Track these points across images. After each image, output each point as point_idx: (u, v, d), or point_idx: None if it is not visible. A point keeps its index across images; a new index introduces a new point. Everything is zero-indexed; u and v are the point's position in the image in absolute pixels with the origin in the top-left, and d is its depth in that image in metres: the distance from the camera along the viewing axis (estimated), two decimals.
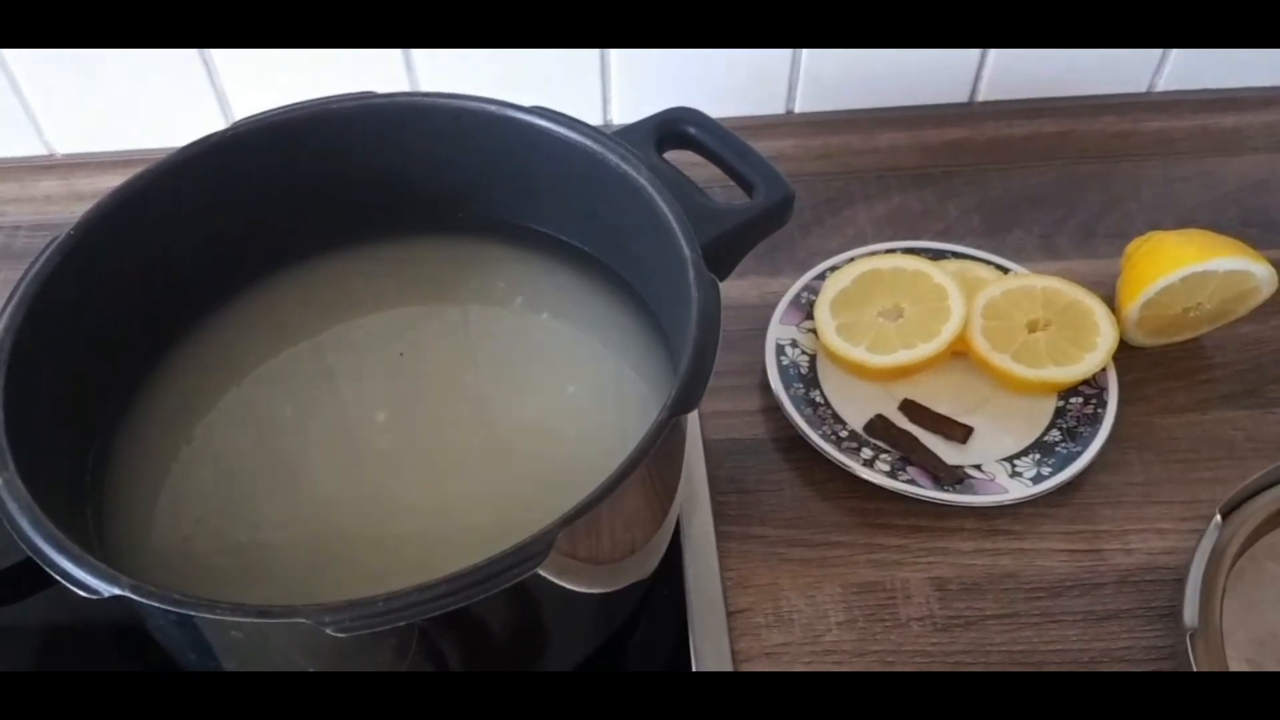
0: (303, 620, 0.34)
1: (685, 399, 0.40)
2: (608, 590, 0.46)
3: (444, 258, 0.56)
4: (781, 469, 0.57)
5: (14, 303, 0.43)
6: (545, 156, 0.52)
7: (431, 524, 0.47)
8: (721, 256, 0.50)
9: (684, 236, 0.46)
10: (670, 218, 0.47)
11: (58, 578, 0.36)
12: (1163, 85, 0.75)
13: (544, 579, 0.40)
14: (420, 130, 0.53)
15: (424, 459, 0.49)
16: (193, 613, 0.35)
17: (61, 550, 0.36)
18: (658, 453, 0.40)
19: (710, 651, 0.50)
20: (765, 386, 0.59)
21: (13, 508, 0.38)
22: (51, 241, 0.46)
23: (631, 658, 0.51)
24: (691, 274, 0.44)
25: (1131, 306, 0.59)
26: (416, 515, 0.47)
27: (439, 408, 0.50)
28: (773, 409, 0.59)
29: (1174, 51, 0.73)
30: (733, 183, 0.53)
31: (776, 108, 0.73)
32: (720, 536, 0.54)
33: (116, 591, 0.35)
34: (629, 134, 0.52)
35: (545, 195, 0.54)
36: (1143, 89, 0.75)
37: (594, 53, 0.69)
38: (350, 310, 0.54)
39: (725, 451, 0.58)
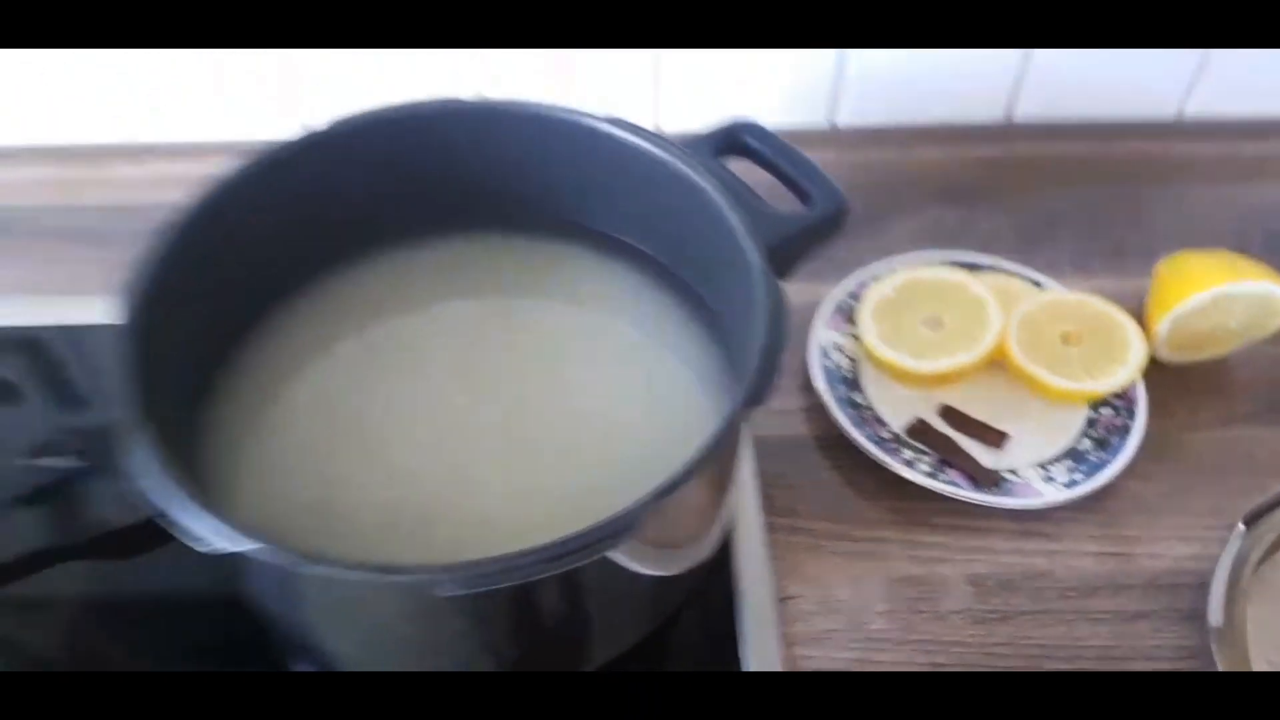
0: (422, 578, 0.37)
1: (756, 394, 0.43)
2: (668, 573, 0.49)
3: (520, 256, 0.58)
4: (824, 467, 0.60)
5: (138, 274, 0.46)
6: (613, 162, 0.55)
7: (496, 503, 0.49)
8: (779, 263, 0.53)
9: (749, 241, 0.48)
10: (735, 222, 0.49)
11: (182, 536, 0.38)
12: (1190, 112, 0.78)
13: (613, 562, 0.43)
14: (497, 134, 0.56)
15: (496, 442, 0.51)
16: (316, 569, 0.37)
17: (188, 509, 0.39)
18: (725, 444, 0.43)
19: (760, 635, 0.53)
20: (808, 387, 0.62)
21: (143, 467, 0.40)
22: (165, 224, 0.48)
23: (684, 640, 0.54)
24: (757, 276, 0.47)
25: (1161, 322, 0.62)
26: (484, 495, 0.49)
27: (513, 395, 0.53)
28: (815, 408, 0.62)
29: (1201, 79, 0.75)
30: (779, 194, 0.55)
31: (819, 121, 0.76)
32: (769, 528, 0.57)
33: (232, 548, 0.38)
34: (691, 143, 0.55)
35: (612, 199, 0.57)
36: (1171, 115, 0.78)
37: (647, 64, 0.72)
38: (431, 298, 0.57)
39: (772, 447, 0.60)
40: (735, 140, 0.56)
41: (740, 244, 0.49)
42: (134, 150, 0.77)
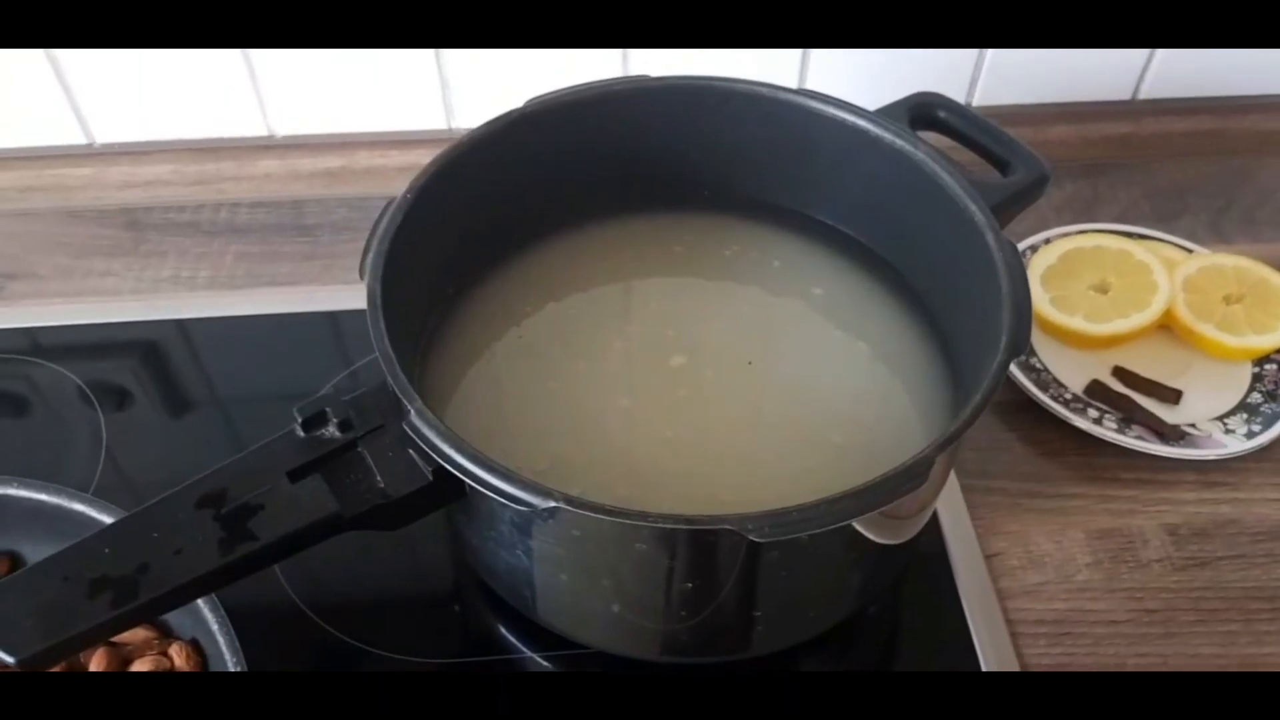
0: (729, 528, 0.38)
1: (1018, 343, 0.45)
2: (896, 541, 0.50)
3: (714, 234, 0.60)
4: (1006, 430, 0.62)
5: (378, 235, 0.48)
6: (811, 136, 0.56)
7: (709, 461, 0.51)
8: None
9: (974, 204, 0.50)
10: (958, 188, 0.51)
11: (494, 495, 0.40)
12: None
13: (861, 533, 0.45)
14: (688, 111, 0.57)
15: (709, 402, 0.53)
16: (626, 520, 0.39)
17: (493, 470, 0.40)
18: (994, 395, 0.44)
19: (976, 590, 0.55)
20: None
21: (432, 434, 0.41)
22: (391, 201, 0.49)
23: (906, 596, 0.55)
24: (989, 237, 0.49)
25: None
26: (699, 451, 0.51)
27: (725, 362, 0.54)
28: None
29: None
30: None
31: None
32: (965, 489, 0.59)
33: (552, 504, 0.39)
34: (885, 115, 0.56)
35: (811, 175, 0.58)
36: None
37: (794, 56, 0.74)
38: (618, 274, 0.59)
39: None
40: (925, 112, 0.58)
41: (962, 205, 0.51)
42: (275, 145, 0.78)
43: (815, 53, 0.75)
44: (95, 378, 0.63)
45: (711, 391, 0.53)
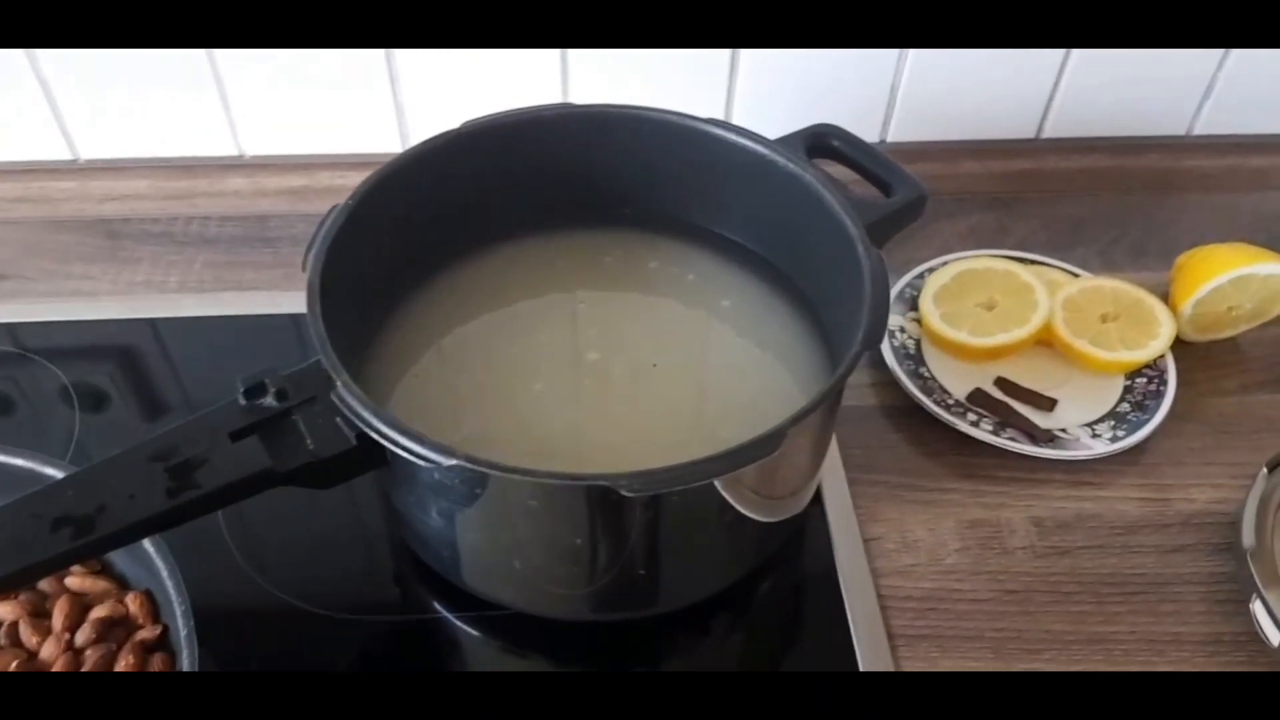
0: (604, 484, 0.45)
1: (872, 337, 0.51)
2: (774, 520, 0.56)
3: (628, 250, 0.67)
4: (894, 431, 0.68)
5: (321, 235, 0.55)
6: (718, 160, 0.63)
7: (605, 446, 0.57)
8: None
9: (849, 219, 0.57)
10: (834, 204, 0.58)
11: (405, 454, 0.46)
12: (1199, 129, 0.87)
13: (738, 510, 0.52)
14: (609, 136, 0.64)
15: (613, 395, 0.60)
16: (513, 476, 0.45)
17: (404, 432, 0.46)
18: (842, 383, 0.51)
19: (852, 568, 0.61)
20: (878, 364, 0.70)
21: (354, 402, 0.48)
22: (336, 206, 0.56)
23: (789, 571, 0.61)
24: (860, 247, 0.55)
25: (1186, 304, 0.71)
26: (596, 435, 0.58)
27: (633, 362, 0.61)
28: (884, 383, 0.70)
29: (1209, 100, 0.85)
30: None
31: (872, 137, 0.85)
32: (850, 481, 0.65)
33: (454, 462, 0.45)
34: (784, 144, 0.63)
35: (711, 195, 0.65)
36: (1182, 132, 0.88)
37: (722, 73, 0.81)
38: (546, 286, 0.66)
39: (847, 416, 0.68)
40: (820, 141, 0.65)
41: (840, 220, 0.57)
42: (244, 164, 0.85)
43: (739, 89, 0.82)
44: (75, 369, 0.70)
45: (617, 386, 0.60)
